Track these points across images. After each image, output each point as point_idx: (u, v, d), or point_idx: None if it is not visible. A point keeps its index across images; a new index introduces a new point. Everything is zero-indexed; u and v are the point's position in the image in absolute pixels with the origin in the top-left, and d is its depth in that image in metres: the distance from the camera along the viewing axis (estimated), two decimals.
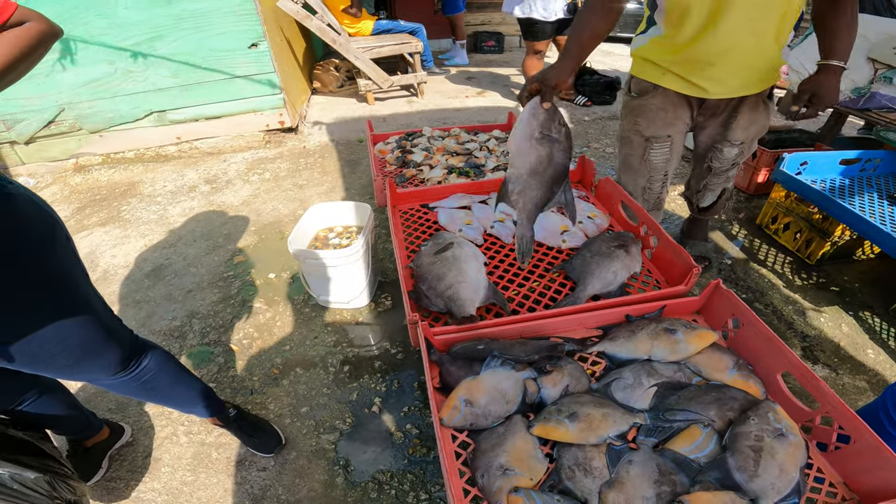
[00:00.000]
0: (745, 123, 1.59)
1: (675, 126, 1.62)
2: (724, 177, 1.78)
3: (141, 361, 1.12)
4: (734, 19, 1.32)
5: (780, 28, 1.36)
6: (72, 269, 0.96)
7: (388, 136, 2.19)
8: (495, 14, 6.88)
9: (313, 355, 1.76)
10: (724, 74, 1.45)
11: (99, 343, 1.01)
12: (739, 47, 1.37)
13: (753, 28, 1.34)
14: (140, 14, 2.87)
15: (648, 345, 1.15)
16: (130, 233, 2.51)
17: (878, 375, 1.68)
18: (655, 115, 1.61)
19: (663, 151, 1.67)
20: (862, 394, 1.62)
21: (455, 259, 1.22)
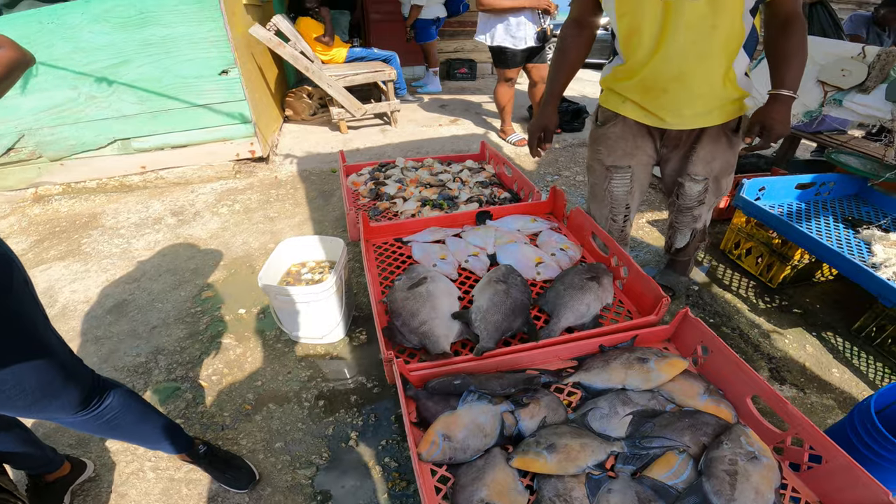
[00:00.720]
0: (706, 157, 1.61)
1: (636, 157, 1.66)
2: (689, 215, 1.77)
3: (103, 400, 1.12)
4: (679, 42, 1.36)
5: (726, 50, 1.38)
6: (29, 312, 0.96)
7: (361, 167, 2.23)
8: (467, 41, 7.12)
9: (287, 390, 1.75)
10: (678, 103, 1.48)
11: (57, 385, 1.00)
12: (688, 73, 1.40)
13: (699, 51, 1.37)
14: (105, 38, 2.86)
15: (622, 374, 1.19)
16: (91, 267, 2.45)
17: (844, 393, 1.77)
18: (616, 143, 1.66)
19: (624, 182, 1.71)
20: (830, 412, 1.70)
21: (429, 295, 1.25)
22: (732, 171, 1.72)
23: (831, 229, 2.15)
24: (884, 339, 1.92)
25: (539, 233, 1.66)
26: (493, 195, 1.98)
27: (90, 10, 2.77)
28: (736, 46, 1.38)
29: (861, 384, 1.81)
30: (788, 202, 2.36)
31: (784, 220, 2.02)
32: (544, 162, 3.78)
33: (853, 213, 2.31)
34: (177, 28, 2.92)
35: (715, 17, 1.29)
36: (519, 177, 2.01)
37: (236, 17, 3.25)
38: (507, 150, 4.00)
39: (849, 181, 2.44)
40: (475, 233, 1.62)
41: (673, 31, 1.34)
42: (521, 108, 4.70)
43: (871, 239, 2.04)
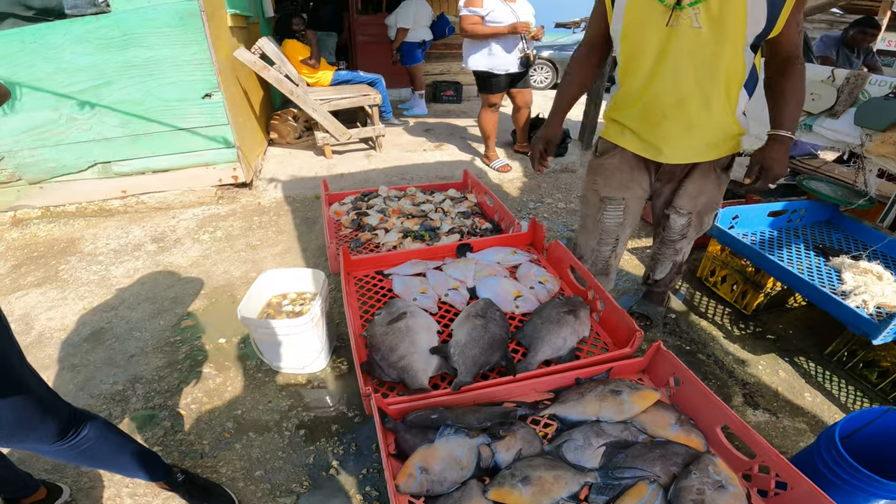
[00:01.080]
0: (693, 191, 1.67)
1: (631, 189, 1.72)
2: (672, 248, 1.86)
3: (79, 432, 1.15)
4: (679, 67, 1.41)
5: (727, 82, 1.42)
6: (7, 353, 1.00)
7: (344, 196, 2.28)
8: (454, 64, 7.29)
9: (267, 419, 1.76)
10: (677, 132, 1.53)
11: (34, 419, 1.05)
12: (688, 99, 1.45)
13: (699, 78, 1.42)
14: (88, 59, 2.88)
15: (597, 406, 1.24)
16: (68, 294, 2.45)
17: (816, 417, 1.84)
18: (612, 174, 1.72)
19: (616, 214, 1.76)
20: (802, 435, 1.76)
21: (408, 330, 1.30)
22: (716, 209, 1.79)
23: (802, 257, 2.24)
24: (855, 363, 2.00)
25: (519, 265, 1.72)
26: (475, 225, 2.05)
27: (73, 31, 2.79)
28: (737, 80, 1.43)
29: (833, 407, 1.89)
30: (761, 230, 2.46)
31: (755, 250, 2.11)
32: (527, 188, 3.87)
33: (825, 240, 2.41)
34: (160, 50, 2.95)
35: (716, 45, 1.36)
36: (500, 207, 2.09)
37: (221, 39, 3.29)
38: (490, 175, 4.08)
39: (820, 208, 2.55)
40: (455, 266, 1.67)
41: (674, 56, 1.41)
42: (505, 132, 4.81)
43: (841, 267, 2.13)
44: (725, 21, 1.32)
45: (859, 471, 1.22)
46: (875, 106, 2.18)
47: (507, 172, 4.12)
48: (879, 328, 1.67)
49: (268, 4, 5.12)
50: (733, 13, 1.31)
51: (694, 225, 1.77)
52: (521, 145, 4.48)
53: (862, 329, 1.75)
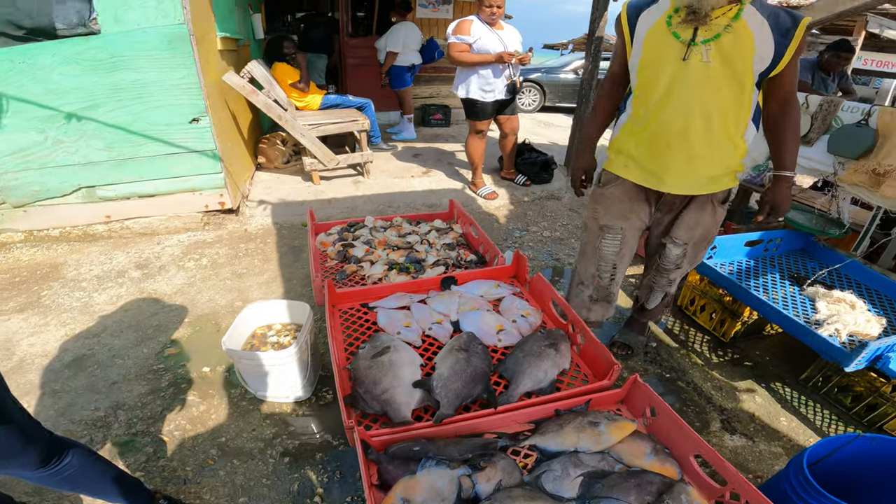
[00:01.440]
0: (689, 222, 1.76)
1: (630, 220, 1.81)
2: (666, 278, 1.92)
3: (63, 459, 1.19)
4: (686, 97, 1.52)
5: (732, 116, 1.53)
6: None
7: (330, 227, 2.34)
8: (442, 87, 7.46)
9: (251, 447, 1.79)
10: (679, 162, 1.61)
11: (17, 447, 1.09)
12: (691, 129, 1.54)
13: (703, 108, 1.51)
14: (76, 81, 2.88)
15: (575, 437, 1.31)
16: (50, 321, 2.46)
17: (792, 441, 1.92)
18: (612, 204, 1.81)
19: (614, 243, 1.84)
20: (778, 459, 1.84)
21: (391, 364, 1.36)
22: (710, 243, 1.88)
23: (778, 286, 2.35)
24: (830, 388, 2.09)
25: (502, 298, 1.80)
26: (460, 258, 2.12)
27: (62, 52, 2.80)
28: (742, 115, 1.54)
29: (808, 431, 1.97)
30: (739, 259, 2.57)
31: (732, 281, 2.21)
32: (513, 216, 3.96)
33: (800, 269, 2.53)
34: (148, 73, 2.97)
35: (723, 80, 1.47)
36: (484, 239, 2.16)
37: (210, 63, 3.33)
38: (477, 203, 4.17)
39: (795, 237, 2.66)
40: (440, 299, 1.74)
41: (683, 88, 1.51)
42: (492, 158, 4.92)
43: (815, 296, 2.23)
44: (734, 58, 1.44)
45: (826, 496, 1.26)
46: (847, 133, 2.27)
47: (494, 200, 4.20)
48: (851, 356, 1.75)
49: (258, 26, 5.21)
50: (741, 51, 1.42)
51: (688, 257, 1.85)
52: (507, 172, 4.58)
53: (834, 357, 1.83)
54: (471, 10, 6.87)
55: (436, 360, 1.45)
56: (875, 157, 2.24)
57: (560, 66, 9.83)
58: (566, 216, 4.01)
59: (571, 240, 3.60)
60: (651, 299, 2.03)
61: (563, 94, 9.54)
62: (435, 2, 6.82)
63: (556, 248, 3.46)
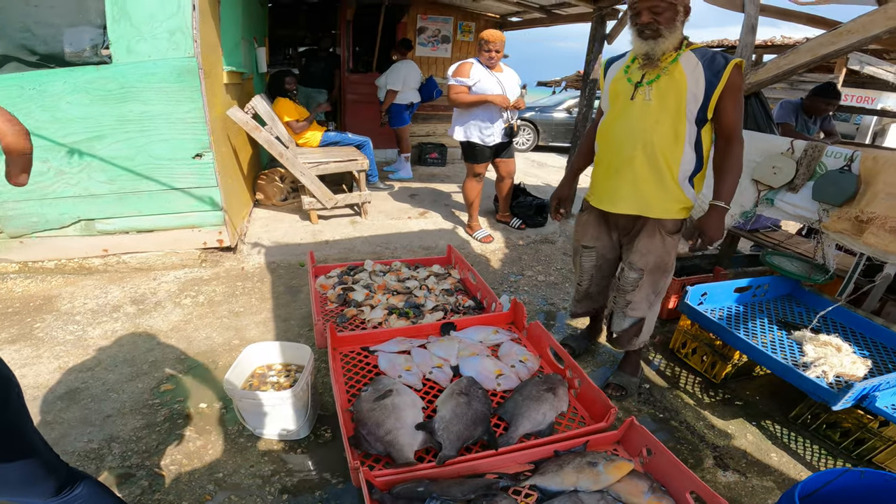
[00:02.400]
0: (642, 249, 1.98)
1: (601, 240, 2.15)
2: (623, 299, 2.11)
3: (74, 489, 1.22)
4: (631, 130, 1.82)
5: (668, 147, 1.79)
6: (21, 418, 1.10)
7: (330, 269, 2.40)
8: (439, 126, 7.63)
9: (249, 483, 1.81)
10: (625, 185, 1.89)
11: (37, 478, 1.13)
12: (635, 158, 1.83)
13: (644, 140, 1.80)
14: (83, 110, 2.91)
15: (574, 477, 1.37)
16: (43, 353, 2.48)
17: (783, 475, 2.00)
18: (586, 228, 2.18)
19: (590, 258, 2.21)
20: (770, 493, 1.91)
21: (394, 407, 1.43)
22: (668, 272, 2.06)
23: (766, 331, 2.45)
24: (818, 424, 2.17)
25: (500, 344, 1.87)
26: (458, 303, 2.20)
27: (72, 80, 2.84)
28: (676, 147, 1.80)
29: (799, 466, 2.05)
30: (728, 305, 2.68)
31: (721, 326, 2.31)
32: (508, 260, 4.05)
33: (787, 314, 2.63)
34: (155, 106, 3.00)
35: (659, 114, 1.76)
36: (482, 285, 2.25)
37: (216, 97, 3.36)
38: (473, 245, 4.23)
39: (782, 282, 2.79)
40: (439, 344, 1.81)
41: (629, 122, 1.83)
42: (488, 199, 5.01)
43: (802, 339, 2.32)
44: (668, 96, 1.73)
45: None
46: (831, 180, 2.32)
47: (490, 243, 4.26)
48: (838, 396, 1.84)
49: (262, 60, 5.31)
50: (675, 89, 1.72)
51: (648, 283, 2.03)
52: (502, 215, 4.66)
53: (822, 397, 1.92)
54: (469, 49, 7.15)
55: (437, 403, 1.52)
56: (857, 204, 2.28)
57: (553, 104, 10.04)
58: (560, 260, 4.10)
59: (566, 284, 3.68)
60: (615, 322, 2.20)
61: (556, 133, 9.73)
62: (434, 41, 7.06)
63: (551, 293, 3.53)
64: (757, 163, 2.64)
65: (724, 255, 3.44)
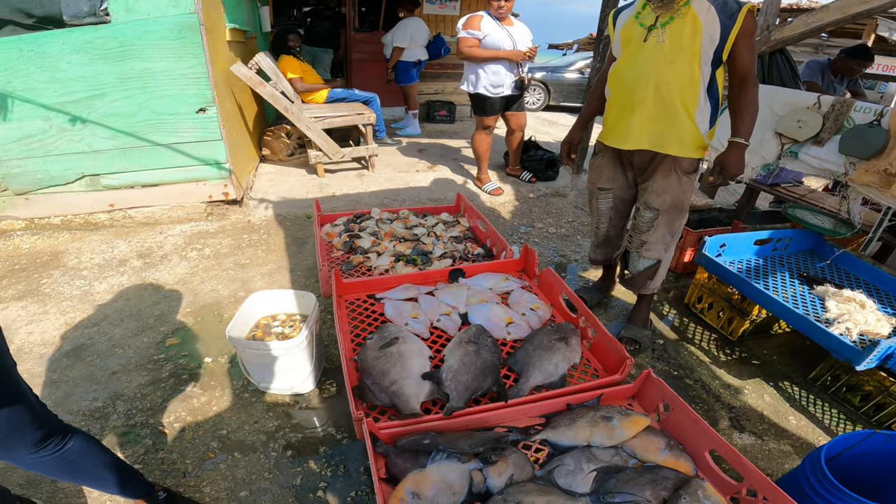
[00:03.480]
0: (657, 189, 1.97)
1: (616, 181, 2.14)
2: (639, 239, 2.12)
3: (65, 443, 1.17)
4: (644, 71, 1.81)
5: (682, 87, 1.77)
6: (6, 363, 1.03)
7: (336, 218, 2.30)
8: (448, 84, 7.42)
9: (253, 440, 1.75)
10: (639, 123, 1.89)
11: (24, 424, 1.07)
12: (648, 97, 1.82)
13: (657, 81, 1.79)
14: (83, 69, 2.87)
15: (588, 432, 1.27)
16: (50, 309, 2.42)
17: (801, 439, 1.89)
18: (601, 171, 2.16)
19: (607, 200, 2.20)
20: (787, 457, 1.80)
21: (400, 355, 1.32)
22: (683, 212, 2.05)
23: (787, 285, 2.31)
24: (838, 387, 2.05)
25: (511, 291, 1.76)
26: (467, 251, 2.08)
27: (71, 40, 2.79)
28: (692, 87, 1.78)
29: (817, 430, 1.93)
30: (748, 258, 2.53)
31: (742, 278, 2.17)
32: (518, 212, 3.93)
33: (808, 268, 2.49)
34: (156, 63, 2.96)
35: (674, 56, 1.75)
36: (492, 233, 2.13)
37: (219, 54, 3.31)
38: (482, 198, 4.13)
39: (804, 236, 2.63)
40: (447, 291, 1.70)
41: (643, 63, 1.81)
42: (498, 154, 4.89)
43: (825, 295, 2.19)
44: (682, 37, 1.72)
45: (845, 493, 1.23)
46: (859, 134, 2.24)
47: (499, 196, 4.17)
48: (863, 355, 1.72)
49: (266, 19, 5.19)
50: (689, 31, 1.71)
51: (664, 223, 2.03)
52: (513, 168, 4.55)
53: (846, 356, 1.80)
54: (478, 7, 6.83)
55: (444, 352, 1.42)
56: (887, 157, 2.22)
57: (565, 65, 9.80)
58: (571, 213, 3.97)
59: (577, 237, 3.55)
60: (630, 264, 2.22)
61: (568, 93, 9.51)
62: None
63: (562, 245, 3.42)
64: (781, 116, 2.55)
65: (743, 210, 3.27)
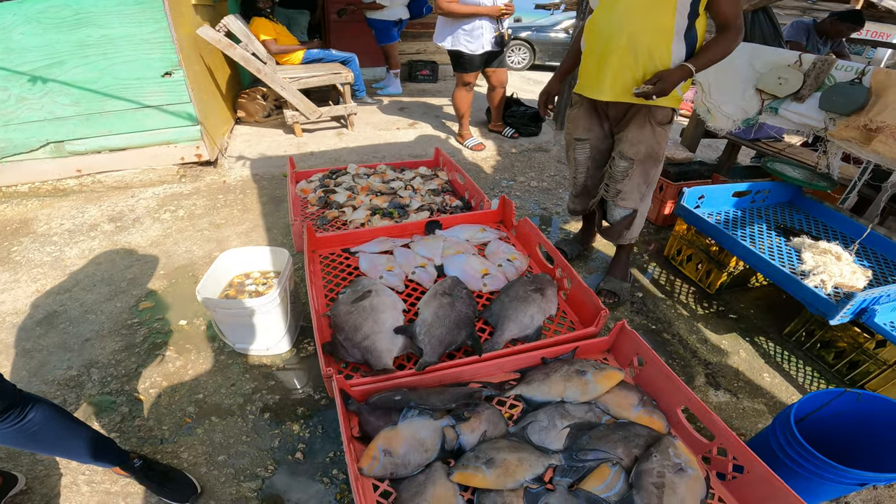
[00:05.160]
0: (632, 139, 1.95)
1: (593, 131, 2.10)
2: (614, 188, 2.09)
3: (26, 414, 1.11)
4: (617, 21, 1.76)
5: (657, 35, 1.72)
6: None
7: (312, 174, 2.19)
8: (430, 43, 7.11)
9: (230, 403, 1.71)
10: (612, 73, 1.84)
11: None
12: (622, 47, 1.77)
13: (631, 30, 1.74)
14: (37, 39, 2.75)
15: (562, 387, 1.22)
16: (21, 277, 2.31)
17: (774, 398, 1.87)
18: (578, 121, 2.12)
19: (584, 150, 2.16)
20: (761, 416, 1.79)
21: (372, 309, 1.25)
22: (658, 162, 2.02)
23: (764, 237, 2.27)
24: (813, 343, 2.04)
25: (488, 243, 1.68)
26: (445, 203, 2.00)
27: (23, 11, 2.67)
28: (667, 36, 1.73)
29: (791, 388, 1.92)
30: (726, 210, 2.47)
31: (719, 229, 2.12)
32: (500, 167, 3.83)
33: (786, 221, 2.45)
34: (115, 29, 2.84)
35: (647, 6, 1.70)
36: (471, 185, 2.04)
37: (184, 17, 3.16)
38: (464, 154, 4.02)
39: (783, 189, 2.58)
40: (423, 243, 1.62)
41: (617, 12, 1.76)
42: (480, 111, 4.73)
43: (801, 247, 2.15)
44: None
45: (813, 454, 1.20)
46: (840, 91, 2.20)
47: (481, 151, 4.07)
48: (836, 308, 1.69)
49: None
50: None
51: (639, 172, 2.00)
52: (495, 125, 4.42)
53: (820, 309, 1.76)
54: None
55: (419, 305, 1.35)
56: (867, 113, 2.17)
57: (550, 24, 9.49)
58: (554, 167, 3.88)
59: (559, 190, 3.48)
60: (607, 213, 2.21)
61: (554, 52, 9.24)
62: None
63: (543, 198, 3.35)
64: (762, 73, 2.49)
65: (724, 165, 3.20)
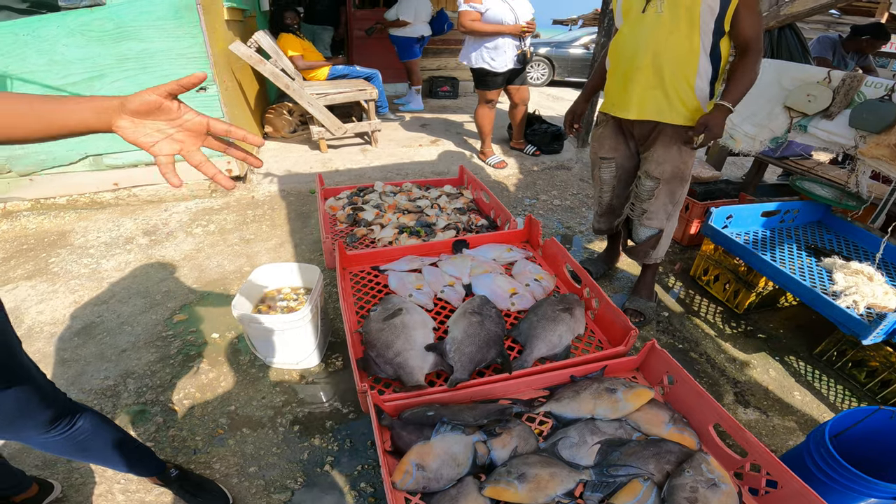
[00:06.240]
0: (658, 159, 1.96)
1: (619, 151, 2.12)
2: (640, 208, 2.11)
3: (75, 422, 1.15)
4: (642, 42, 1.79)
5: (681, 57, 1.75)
6: (8, 340, 0.99)
7: (340, 191, 2.26)
8: (451, 60, 7.26)
9: (261, 415, 1.75)
10: (638, 92, 1.87)
11: (33, 405, 1.05)
12: (645, 67, 1.81)
13: (654, 50, 1.77)
14: (80, 52, 2.85)
15: (592, 404, 1.24)
16: (59, 288, 2.41)
17: (805, 416, 1.86)
18: (604, 140, 2.15)
19: (609, 169, 2.18)
20: (792, 434, 1.78)
21: (404, 326, 1.29)
22: (684, 182, 2.02)
23: (794, 257, 2.26)
24: (844, 362, 2.02)
25: (514, 262, 1.72)
26: (471, 222, 2.04)
27: (66, 24, 2.76)
28: (690, 57, 1.76)
29: (822, 406, 1.90)
30: (754, 230, 2.47)
31: (748, 249, 2.12)
32: (522, 185, 3.87)
33: (816, 240, 2.43)
34: (154, 43, 2.93)
35: (672, 26, 1.72)
36: (496, 204, 2.08)
37: (217, 32, 3.27)
38: (487, 171, 4.07)
39: (812, 208, 2.56)
40: (451, 262, 1.66)
41: (641, 34, 1.80)
42: (501, 128, 4.79)
43: (832, 267, 2.14)
44: (679, 8, 1.69)
45: (849, 470, 1.22)
46: (870, 108, 2.19)
47: (503, 169, 4.11)
48: (869, 329, 1.68)
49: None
50: (687, 2, 1.67)
51: (665, 192, 2.01)
52: (516, 142, 4.47)
53: (852, 329, 1.75)
54: None
55: (448, 323, 1.39)
56: None
57: (569, 41, 9.57)
58: (576, 186, 3.90)
59: (582, 209, 3.50)
60: (633, 233, 2.22)
61: (573, 68, 9.31)
62: None
63: (567, 217, 3.37)
64: (790, 91, 2.50)
65: (750, 183, 3.20)
